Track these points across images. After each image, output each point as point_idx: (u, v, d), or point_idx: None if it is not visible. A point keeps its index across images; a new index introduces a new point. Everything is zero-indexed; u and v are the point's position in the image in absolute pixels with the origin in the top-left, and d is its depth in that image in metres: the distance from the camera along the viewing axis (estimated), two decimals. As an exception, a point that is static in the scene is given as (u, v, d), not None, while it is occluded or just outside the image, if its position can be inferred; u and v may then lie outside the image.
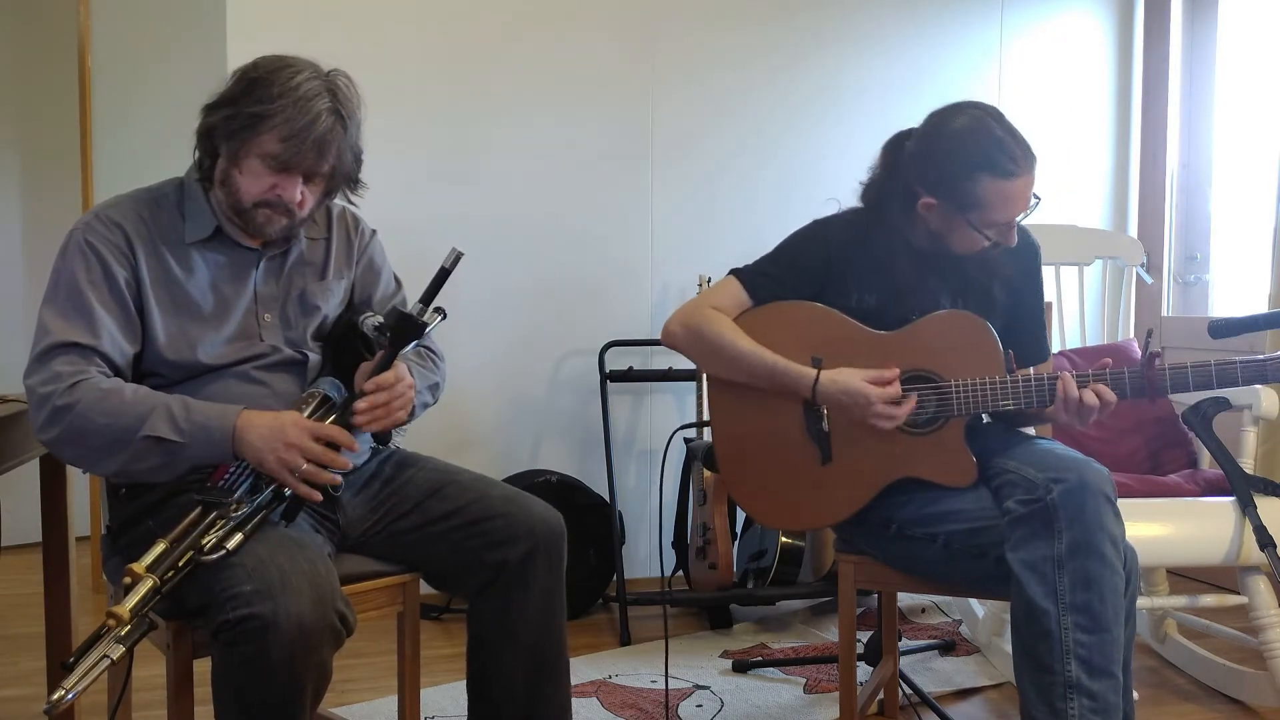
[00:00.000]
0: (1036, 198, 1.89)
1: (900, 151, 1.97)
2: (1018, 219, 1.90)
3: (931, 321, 1.93)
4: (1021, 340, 2.01)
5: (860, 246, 1.98)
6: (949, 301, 1.97)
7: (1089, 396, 1.82)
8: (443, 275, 1.66)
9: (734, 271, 2.04)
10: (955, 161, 1.85)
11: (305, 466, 1.55)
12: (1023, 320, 2.04)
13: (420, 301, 1.68)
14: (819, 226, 2.04)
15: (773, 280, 2.00)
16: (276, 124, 1.60)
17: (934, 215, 1.91)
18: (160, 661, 1.64)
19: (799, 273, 2.00)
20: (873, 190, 2.00)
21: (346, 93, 1.69)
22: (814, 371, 1.90)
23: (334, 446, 1.59)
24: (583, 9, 3.41)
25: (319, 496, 1.58)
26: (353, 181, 1.77)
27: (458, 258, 1.65)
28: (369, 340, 1.71)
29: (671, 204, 3.50)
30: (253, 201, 1.66)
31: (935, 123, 1.92)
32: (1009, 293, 2.00)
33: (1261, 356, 1.83)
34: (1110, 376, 1.85)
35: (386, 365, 1.66)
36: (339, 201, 1.85)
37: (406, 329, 1.66)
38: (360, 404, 1.64)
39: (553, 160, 3.40)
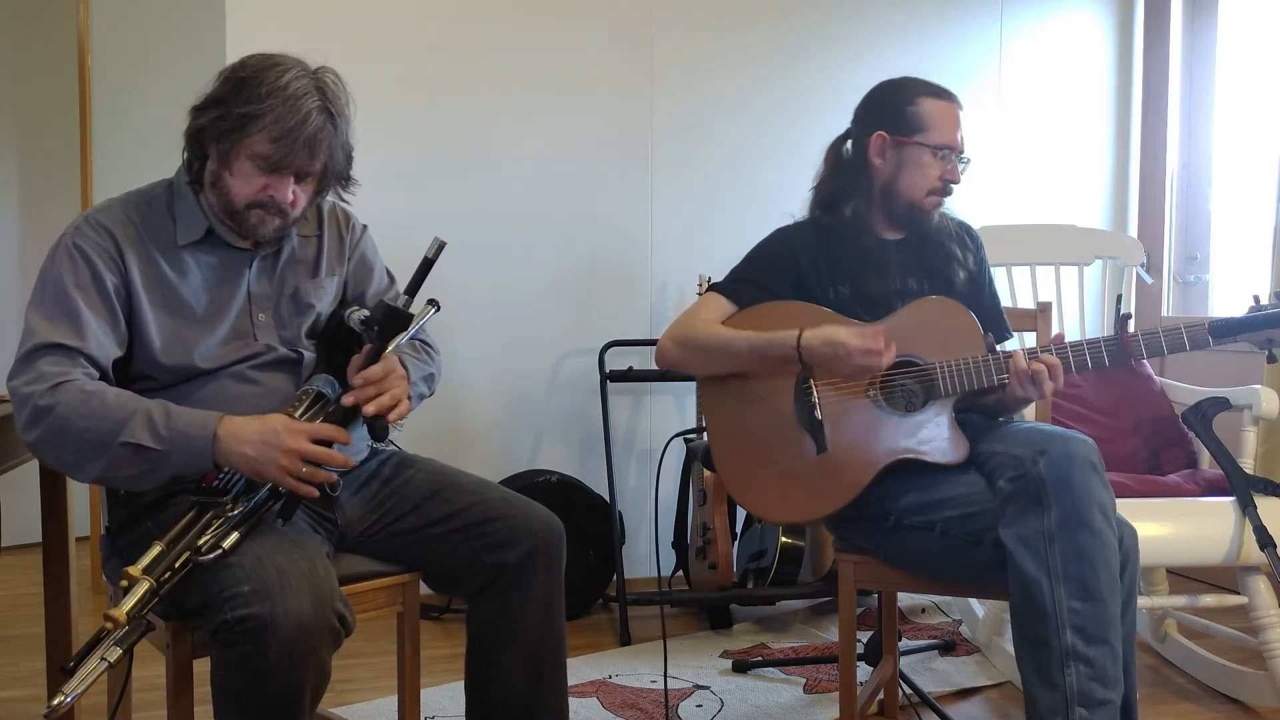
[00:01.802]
0: (966, 158, 2.09)
1: (840, 147, 2.18)
2: (957, 157, 2.06)
3: (912, 309, 2.01)
4: (986, 321, 2.07)
5: (823, 244, 2.09)
6: (915, 283, 2.07)
7: (1035, 364, 1.89)
8: (426, 265, 1.66)
9: (713, 287, 2.12)
10: (896, 95, 2.09)
11: (305, 470, 1.55)
12: (984, 302, 2.14)
13: (405, 293, 1.67)
14: (780, 232, 2.15)
15: (752, 285, 2.08)
16: (266, 124, 1.59)
17: (886, 153, 2.07)
18: (160, 661, 1.64)
19: (774, 274, 2.08)
20: (824, 189, 2.15)
21: (335, 90, 1.68)
22: (796, 330, 1.94)
23: (331, 445, 1.59)
24: (582, 8, 3.41)
25: (316, 493, 1.57)
26: (344, 179, 1.76)
27: (440, 247, 1.65)
28: (357, 335, 1.70)
29: (671, 204, 3.50)
30: (245, 203, 1.65)
31: (870, 91, 2.16)
32: (967, 275, 2.12)
33: (1228, 317, 1.89)
34: (1087, 346, 1.91)
35: (375, 358, 1.65)
36: (330, 198, 1.84)
37: (393, 322, 1.65)
38: (346, 399, 1.62)
39: (552, 159, 3.40)
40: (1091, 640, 1.69)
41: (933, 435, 1.93)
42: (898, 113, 2.07)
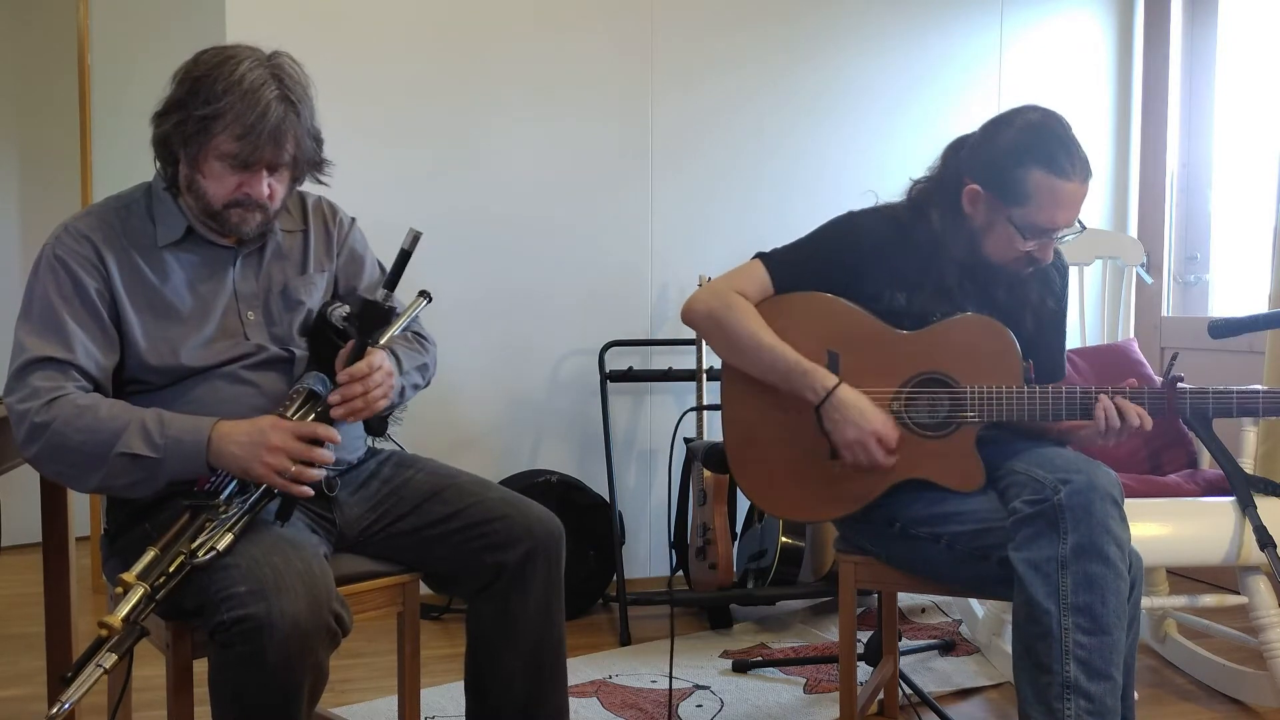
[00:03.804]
0: (1081, 225, 1.88)
1: (958, 152, 1.96)
2: (1057, 237, 1.87)
3: (952, 324, 1.92)
4: (1038, 359, 2.02)
5: (898, 246, 1.95)
6: (974, 310, 1.95)
7: (1131, 414, 1.82)
8: (404, 257, 1.65)
9: (760, 256, 2.02)
10: (1012, 150, 1.83)
11: (293, 468, 1.54)
12: (1045, 341, 2.04)
13: (384, 286, 1.66)
14: (854, 221, 2.00)
15: (799, 270, 1.98)
16: (228, 122, 1.57)
17: (978, 208, 1.90)
18: (160, 661, 1.64)
19: (827, 265, 1.97)
20: (921, 188, 1.98)
21: (293, 75, 1.65)
22: (834, 378, 1.88)
23: (319, 442, 1.58)
24: (583, 10, 3.40)
25: (310, 492, 1.56)
26: (316, 164, 1.73)
27: (416, 238, 1.64)
28: (340, 331, 1.69)
29: (671, 204, 3.50)
30: (222, 203, 1.64)
31: (1000, 117, 1.90)
32: (1035, 317, 2.00)
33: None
34: (1129, 396, 1.85)
35: (359, 354, 1.64)
36: (314, 192, 1.83)
37: (374, 316, 1.64)
38: (333, 396, 1.61)
39: (553, 160, 3.40)
40: (1094, 675, 1.67)
41: (949, 460, 1.88)
42: (1003, 171, 1.83)
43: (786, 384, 1.92)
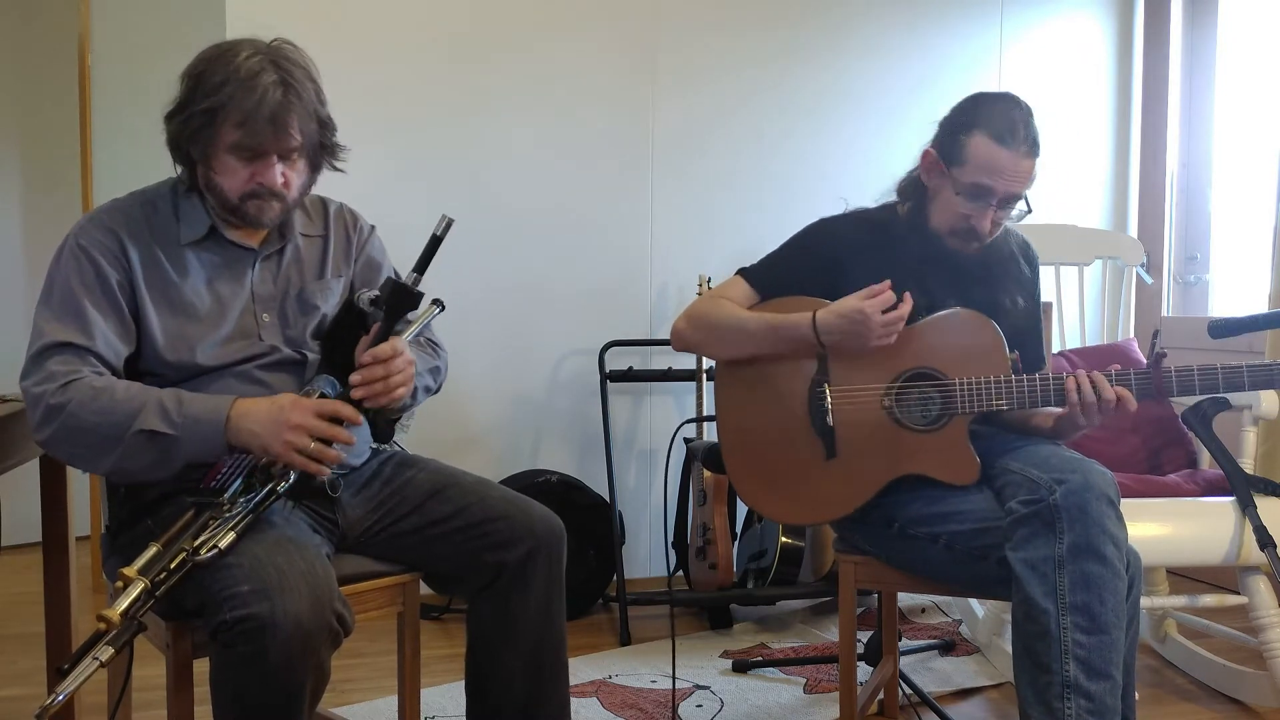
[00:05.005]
0: (1027, 205, 1.94)
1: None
2: (996, 208, 1.91)
3: (938, 320, 1.95)
4: (1021, 348, 2.02)
5: (876, 245, 1.99)
6: (956, 304, 1.98)
7: (1107, 391, 1.84)
8: (434, 243, 1.64)
9: (740, 271, 2.06)
10: (962, 116, 1.94)
11: (313, 446, 1.53)
12: (1024, 329, 2.06)
13: (414, 270, 1.66)
14: (829, 224, 2.06)
15: (780, 275, 2.02)
16: (229, 113, 1.58)
17: (931, 174, 1.96)
18: (160, 661, 1.64)
19: (808, 267, 2.01)
20: (903, 181, 2.04)
21: (292, 59, 1.65)
22: (809, 315, 1.91)
23: (340, 421, 1.57)
24: (586, 11, 3.41)
25: (328, 472, 1.56)
26: (329, 149, 1.73)
27: (448, 224, 1.62)
28: (365, 316, 1.69)
29: (671, 205, 3.50)
30: (239, 196, 1.65)
31: (972, 94, 1.99)
32: (1013, 304, 2.03)
33: (1268, 362, 1.86)
34: (1116, 377, 1.86)
35: (384, 337, 1.63)
36: (335, 199, 1.84)
37: (401, 298, 1.63)
38: (355, 376, 1.60)
39: (554, 161, 3.40)
40: (1094, 674, 1.67)
41: (943, 454, 1.89)
42: (951, 135, 1.93)
43: (780, 343, 1.95)
